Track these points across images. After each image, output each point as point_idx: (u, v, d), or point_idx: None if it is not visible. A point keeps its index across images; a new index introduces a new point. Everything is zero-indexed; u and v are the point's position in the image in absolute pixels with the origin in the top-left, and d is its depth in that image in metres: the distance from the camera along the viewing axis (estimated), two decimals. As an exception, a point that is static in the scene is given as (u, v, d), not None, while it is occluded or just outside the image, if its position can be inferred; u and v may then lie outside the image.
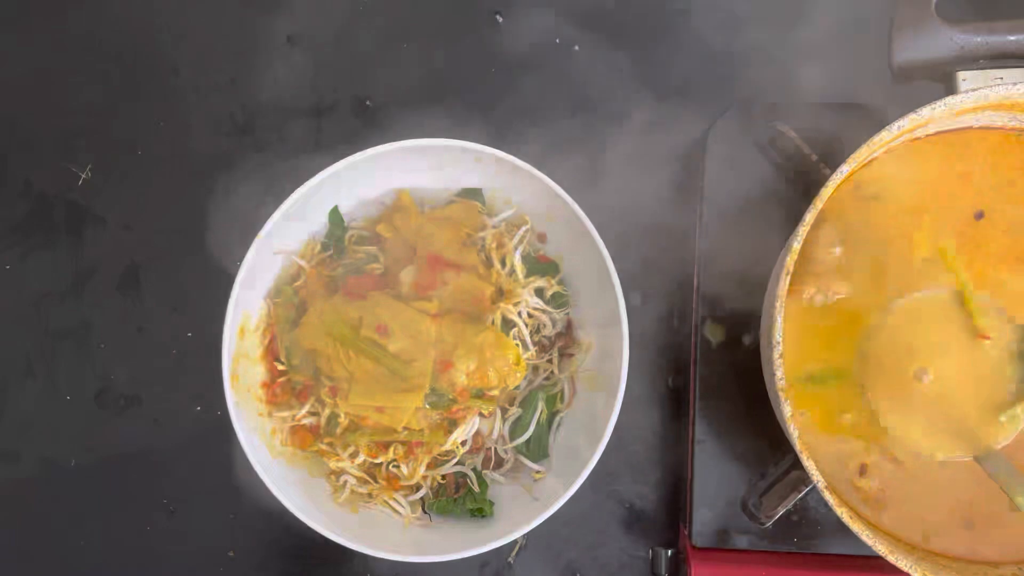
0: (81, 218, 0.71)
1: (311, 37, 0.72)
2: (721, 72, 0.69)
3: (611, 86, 0.70)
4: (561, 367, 0.65)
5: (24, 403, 0.70)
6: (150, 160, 0.71)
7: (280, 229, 0.60)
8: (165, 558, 0.69)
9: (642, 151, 0.69)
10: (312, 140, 0.71)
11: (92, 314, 0.70)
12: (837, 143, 0.61)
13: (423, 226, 0.62)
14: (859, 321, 0.55)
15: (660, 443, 0.68)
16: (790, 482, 0.58)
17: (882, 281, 0.55)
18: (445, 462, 0.62)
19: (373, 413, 0.59)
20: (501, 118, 0.69)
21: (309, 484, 0.62)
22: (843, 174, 0.52)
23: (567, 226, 0.61)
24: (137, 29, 0.72)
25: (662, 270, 0.68)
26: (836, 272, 0.55)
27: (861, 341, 0.54)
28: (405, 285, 0.61)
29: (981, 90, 0.51)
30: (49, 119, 0.72)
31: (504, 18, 0.71)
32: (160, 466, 0.70)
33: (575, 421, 0.64)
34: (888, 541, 0.53)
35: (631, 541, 0.68)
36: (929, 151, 0.56)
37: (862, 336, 0.54)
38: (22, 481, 0.70)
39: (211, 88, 0.71)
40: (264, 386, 0.63)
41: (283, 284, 0.64)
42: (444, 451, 0.61)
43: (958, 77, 0.53)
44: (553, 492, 0.59)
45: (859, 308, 0.55)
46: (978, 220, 0.55)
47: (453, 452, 0.61)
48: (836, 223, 0.55)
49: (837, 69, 0.67)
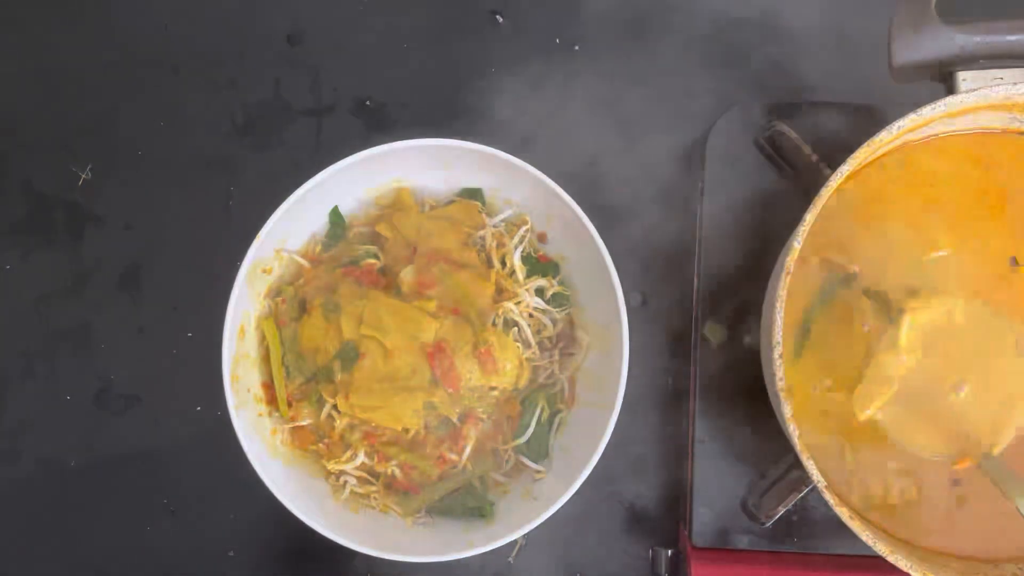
0: (81, 218, 0.71)
1: (311, 37, 0.72)
2: (721, 72, 0.69)
3: (611, 86, 0.70)
4: (561, 367, 0.65)
5: (24, 403, 0.70)
6: (150, 160, 0.71)
7: (280, 229, 0.60)
8: (165, 558, 0.69)
9: (642, 151, 0.69)
10: (312, 140, 0.71)
11: (92, 314, 0.70)
12: (837, 143, 0.61)
13: (423, 226, 0.62)
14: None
15: (660, 443, 0.68)
16: (790, 482, 0.58)
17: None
18: (450, 472, 0.62)
19: (372, 413, 0.59)
20: (501, 118, 0.69)
21: (309, 484, 0.62)
22: (843, 174, 0.52)
23: (567, 226, 0.61)
24: (137, 29, 0.72)
25: (662, 270, 0.68)
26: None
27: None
28: (405, 285, 0.61)
29: (981, 90, 0.51)
30: (49, 119, 0.72)
31: (504, 18, 0.71)
32: (160, 466, 0.69)
33: (575, 421, 0.64)
34: (888, 541, 0.53)
35: (631, 541, 0.68)
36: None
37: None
38: (22, 481, 0.70)
39: (211, 88, 0.71)
40: (264, 386, 0.63)
41: (283, 284, 0.64)
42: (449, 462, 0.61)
43: (958, 77, 0.53)
44: (553, 492, 0.59)
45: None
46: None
47: (456, 462, 0.62)
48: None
49: (837, 69, 0.67)
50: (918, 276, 0.56)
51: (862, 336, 0.56)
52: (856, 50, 0.67)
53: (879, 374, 0.54)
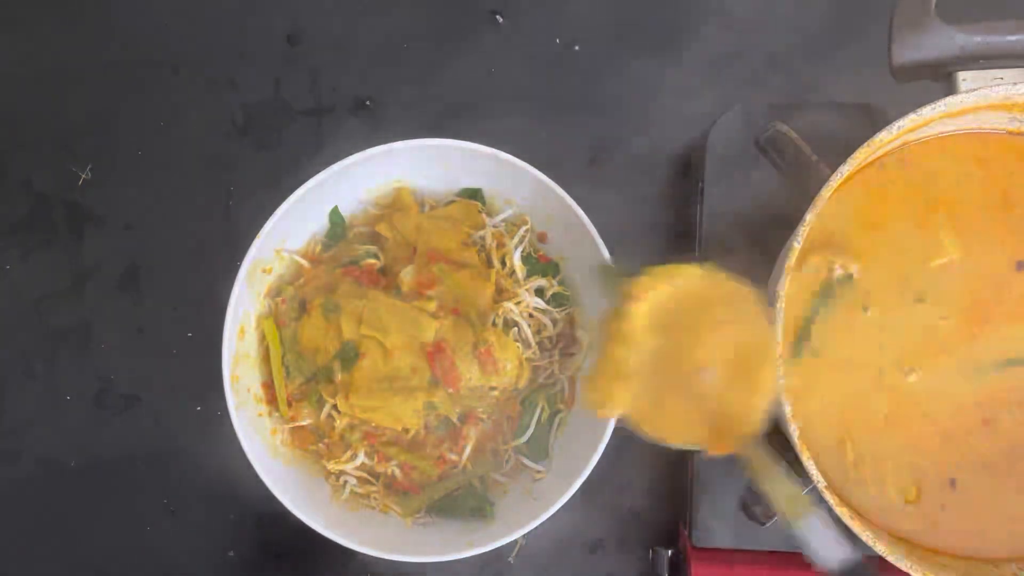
0: (81, 218, 0.71)
1: (311, 37, 0.72)
2: (721, 72, 0.69)
3: (611, 86, 0.70)
4: (561, 367, 0.65)
5: (24, 403, 0.70)
6: (150, 160, 0.71)
7: (280, 229, 0.60)
8: (165, 558, 0.69)
9: (642, 151, 0.69)
10: (312, 140, 0.71)
11: (92, 314, 0.70)
12: (837, 143, 0.61)
13: (423, 225, 0.62)
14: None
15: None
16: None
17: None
18: (450, 472, 0.62)
19: (372, 413, 0.59)
20: (501, 118, 0.69)
21: (309, 484, 0.62)
22: (843, 174, 0.52)
23: (567, 226, 0.61)
24: (138, 29, 0.72)
25: (662, 270, 0.68)
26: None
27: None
28: (405, 285, 0.61)
29: (981, 90, 0.51)
30: (49, 119, 0.72)
31: (504, 18, 0.71)
32: (160, 466, 0.70)
33: (575, 421, 0.64)
34: (888, 541, 0.53)
35: (631, 541, 0.68)
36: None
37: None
38: (22, 481, 0.70)
39: (211, 88, 0.71)
40: (264, 386, 0.63)
41: (283, 284, 0.64)
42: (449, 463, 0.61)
43: (958, 77, 0.53)
44: (553, 492, 0.59)
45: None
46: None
47: (456, 462, 0.62)
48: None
49: (837, 69, 0.67)
50: (919, 276, 0.56)
51: (862, 335, 0.56)
52: (856, 50, 0.67)
53: (611, 368, 0.48)
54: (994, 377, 0.55)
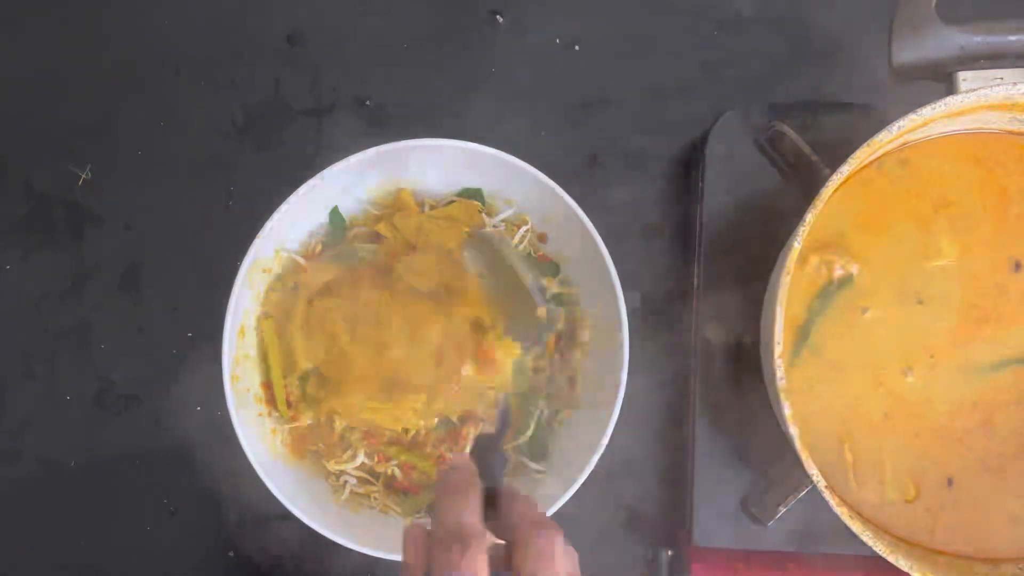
0: (81, 218, 0.71)
1: (311, 37, 0.71)
2: (721, 72, 0.69)
3: (611, 86, 0.70)
4: (561, 367, 0.64)
5: (24, 403, 0.70)
6: (150, 160, 0.71)
7: (280, 229, 0.60)
8: (165, 558, 0.69)
9: (642, 151, 0.69)
10: (312, 140, 0.71)
11: (92, 314, 0.70)
12: (837, 143, 0.61)
13: (423, 225, 0.62)
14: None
15: (660, 443, 0.68)
16: (790, 482, 0.58)
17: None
18: None
19: (372, 413, 0.59)
20: (501, 118, 0.69)
21: (309, 484, 0.62)
22: (843, 174, 0.52)
23: (567, 226, 0.61)
24: (137, 29, 0.72)
25: (662, 270, 0.68)
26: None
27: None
28: (405, 284, 0.61)
29: (981, 90, 0.51)
30: (49, 119, 0.71)
31: (504, 18, 0.71)
32: (160, 466, 0.69)
33: (575, 421, 0.64)
34: (888, 541, 0.53)
35: (631, 541, 0.68)
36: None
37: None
38: (22, 481, 0.70)
39: (211, 88, 0.71)
40: (264, 386, 0.63)
41: (283, 284, 0.64)
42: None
43: (958, 77, 0.53)
44: (553, 492, 0.59)
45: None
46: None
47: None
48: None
49: (837, 69, 0.67)
50: (918, 276, 0.56)
51: (861, 335, 0.56)
52: (856, 50, 0.67)
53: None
54: (993, 377, 0.55)
